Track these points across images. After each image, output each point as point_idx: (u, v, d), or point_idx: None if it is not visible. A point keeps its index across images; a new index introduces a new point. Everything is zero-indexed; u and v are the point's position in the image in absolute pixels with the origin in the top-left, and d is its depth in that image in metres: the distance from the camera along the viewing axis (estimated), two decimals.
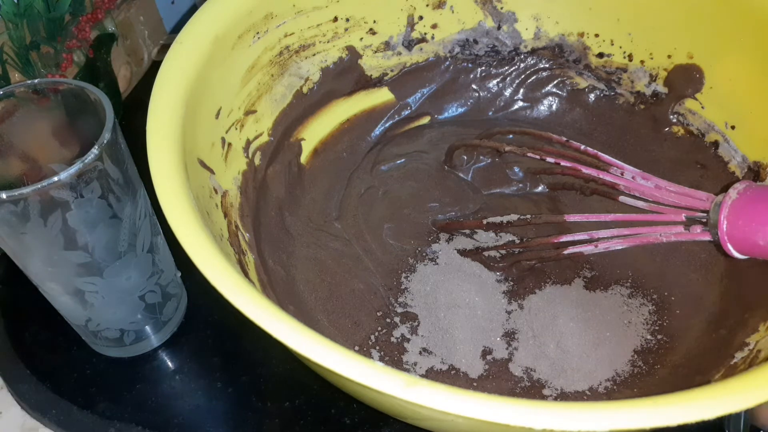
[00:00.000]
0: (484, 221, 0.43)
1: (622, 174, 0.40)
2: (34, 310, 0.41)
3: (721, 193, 0.35)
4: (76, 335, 0.39)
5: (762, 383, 0.23)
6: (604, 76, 0.48)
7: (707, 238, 0.36)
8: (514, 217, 0.43)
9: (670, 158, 0.45)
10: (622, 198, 0.41)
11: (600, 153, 0.41)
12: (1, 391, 0.40)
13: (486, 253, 0.42)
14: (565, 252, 0.40)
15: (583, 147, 0.42)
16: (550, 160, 0.42)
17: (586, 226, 0.41)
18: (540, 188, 0.46)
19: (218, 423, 0.37)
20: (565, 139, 0.43)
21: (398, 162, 0.47)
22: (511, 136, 0.47)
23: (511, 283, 0.41)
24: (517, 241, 0.43)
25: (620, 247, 0.39)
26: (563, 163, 0.42)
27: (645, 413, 0.22)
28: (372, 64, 0.47)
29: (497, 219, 0.43)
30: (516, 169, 0.46)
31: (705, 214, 0.36)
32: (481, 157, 0.47)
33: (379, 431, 0.36)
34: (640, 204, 0.40)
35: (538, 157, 0.43)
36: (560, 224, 0.43)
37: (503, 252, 0.42)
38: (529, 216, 0.43)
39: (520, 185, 0.46)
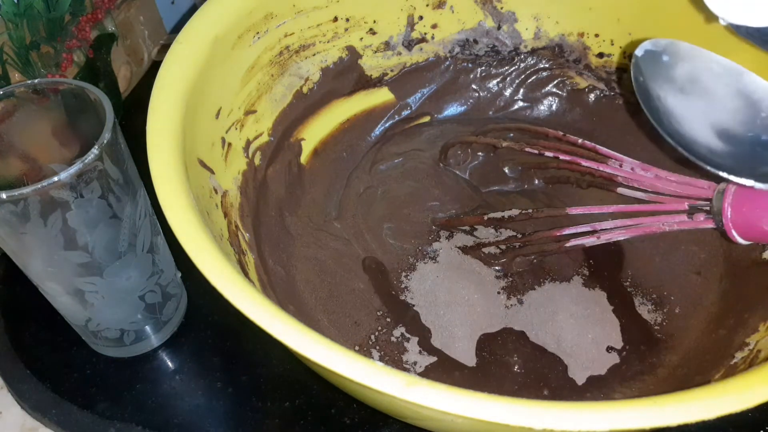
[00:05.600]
0: (485, 216, 0.43)
1: (620, 166, 0.41)
2: (34, 310, 0.41)
3: (723, 180, 0.36)
4: (76, 335, 0.39)
5: (762, 383, 0.23)
6: (604, 76, 0.48)
7: (710, 225, 0.36)
8: (515, 211, 0.43)
9: (671, 158, 0.45)
10: (620, 189, 0.41)
11: (598, 146, 0.42)
12: (1, 391, 0.40)
13: (486, 249, 0.42)
14: (567, 245, 0.40)
15: (580, 141, 0.43)
16: (548, 154, 0.42)
17: (588, 218, 0.41)
18: (536, 183, 0.46)
19: (218, 423, 0.37)
20: (561, 133, 0.43)
21: (396, 161, 0.47)
22: (511, 134, 0.47)
23: (510, 279, 0.41)
24: (518, 237, 0.43)
25: (622, 238, 0.39)
26: (562, 156, 0.42)
27: (645, 413, 0.22)
28: (372, 64, 0.47)
29: (498, 214, 0.43)
30: (512, 166, 0.46)
31: (707, 203, 0.36)
32: (478, 154, 0.47)
33: (379, 431, 0.36)
34: (639, 195, 0.40)
35: (536, 152, 0.43)
36: (563, 217, 0.43)
37: (503, 247, 0.42)
38: (531, 210, 0.43)
39: (518, 182, 0.46)
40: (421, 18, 0.47)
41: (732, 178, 0.30)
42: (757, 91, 0.31)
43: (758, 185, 0.30)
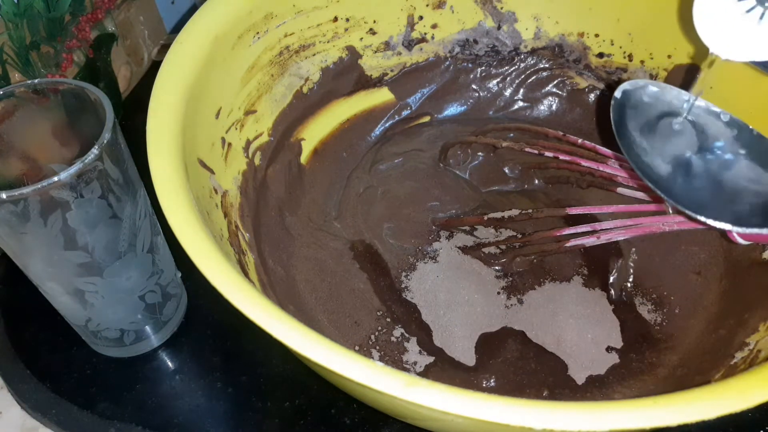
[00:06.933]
0: (485, 217, 0.43)
1: (620, 166, 0.41)
2: (34, 310, 0.41)
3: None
4: (76, 335, 0.39)
5: (762, 383, 0.23)
6: (604, 76, 0.48)
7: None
8: (515, 211, 0.43)
9: None
10: (620, 189, 0.41)
11: (598, 146, 0.42)
12: (1, 391, 0.40)
13: (486, 249, 0.42)
14: (567, 245, 0.40)
15: (580, 141, 0.43)
16: (548, 154, 0.42)
17: (588, 218, 0.41)
18: (536, 183, 0.46)
19: (218, 423, 0.37)
20: (561, 133, 0.44)
21: (396, 161, 0.47)
22: (511, 134, 0.47)
23: (510, 279, 0.41)
24: (518, 237, 0.43)
25: (622, 238, 0.39)
26: (562, 157, 0.42)
27: (645, 413, 0.22)
28: (372, 64, 0.47)
29: (498, 214, 0.43)
30: (512, 166, 0.46)
31: None
32: (478, 154, 0.47)
33: (379, 431, 0.36)
34: (639, 195, 0.40)
35: (536, 152, 0.43)
36: (563, 217, 0.43)
37: (503, 247, 0.42)
38: (530, 210, 0.43)
39: (518, 182, 0.46)
40: (421, 18, 0.47)
41: (710, 222, 0.29)
42: (734, 131, 0.30)
43: (735, 228, 0.29)
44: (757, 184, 0.29)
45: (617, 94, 0.32)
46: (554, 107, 0.50)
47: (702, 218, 0.29)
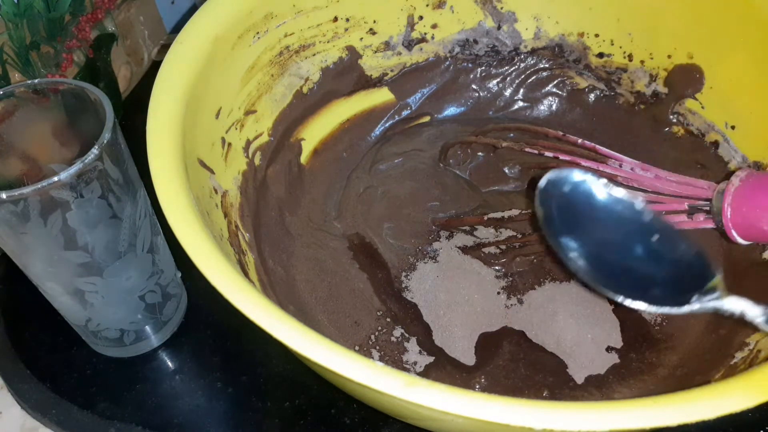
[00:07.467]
0: (485, 217, 0.43)
1: (620, 166, 0.41)
2: (34, 310, 0.41)
3: (723, 180, 0.36)
4: (76, 335, 0.39)
5: (762, 383, 0.23)
6: (604, 76, 0.48)
7: (710, 225, 0.36)
8: (515, 211, 0.43)
9: (671, 158, 0.45)
10: None
11: (598, 146, 0.42)
12: (1, 391, 0.40)
13: (486, 249, 0.42)
14: None
15: (580, 141, 0.43)
16: (548, 154, 0.42)
17: None
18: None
19: (218, 423, 0.37)
20: (561, 133, 0.44)
21: (396, 161, 0.47)
22: (511, 134, 0.47)
23: (510, 279, 0.41)
24: (518, 237, 0.43)
25: None
26: (562, 156, 0.42)
27: (645, 413, 0.22)
28: (372, 64, 0.47)
29: (498, 214, 0.43)
30: (512, 166, 0.46)
31: (707, 203, 0.37)
32: (478, 154, 0.47)
33: (379, 431, 0.36)
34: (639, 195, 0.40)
35: (536, 152, 0.43)
36: None
37: (503, 247, 0.42)
38: (530, 210, 0.43)
39: (518, 182, 0.46)
40: (421, 18, 0.47)
41: (629, 303, 0.30)
42: (647, 219, 0.31)
43: (650, 309, 0.30)
44: (666, 268, 0.30)
45: (542, 183, 0.32)
46: (554, 107, 0.50)
47: (620, 299, 0.30)
